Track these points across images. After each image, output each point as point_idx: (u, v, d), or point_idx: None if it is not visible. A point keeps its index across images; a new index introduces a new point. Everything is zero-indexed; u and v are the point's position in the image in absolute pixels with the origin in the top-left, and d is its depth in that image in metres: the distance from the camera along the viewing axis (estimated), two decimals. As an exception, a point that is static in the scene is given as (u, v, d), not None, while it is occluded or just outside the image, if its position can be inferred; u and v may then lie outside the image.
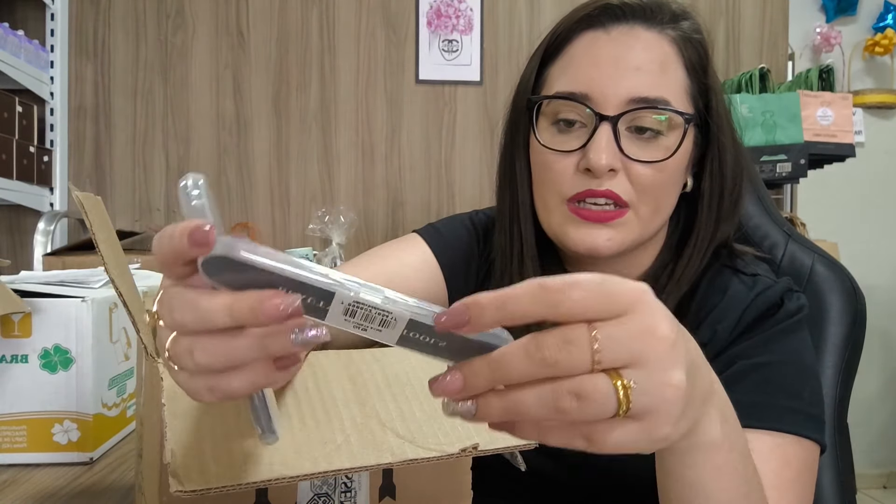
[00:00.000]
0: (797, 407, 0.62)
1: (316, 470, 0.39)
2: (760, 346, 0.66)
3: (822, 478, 0.76)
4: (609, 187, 0.63)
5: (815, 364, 0.68)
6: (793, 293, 0.69)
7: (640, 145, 0.64)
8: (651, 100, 0.63)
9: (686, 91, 0.66)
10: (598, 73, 0.64)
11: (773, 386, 0.63)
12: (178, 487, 0.35)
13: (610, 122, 0.63)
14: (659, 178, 0.64)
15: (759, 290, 0.68)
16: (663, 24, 0.66)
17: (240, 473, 0.37)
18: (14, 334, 0.73)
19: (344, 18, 2.33)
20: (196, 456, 0.38)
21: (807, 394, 0.64)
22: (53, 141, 2.21)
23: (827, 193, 2.93)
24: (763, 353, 0.65)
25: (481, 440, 0.43)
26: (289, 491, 0.45)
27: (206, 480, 0.36)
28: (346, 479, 0.46)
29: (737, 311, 0.68)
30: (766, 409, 0.61)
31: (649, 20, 0.66)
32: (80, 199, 0.51)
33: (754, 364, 0.64)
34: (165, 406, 0.39)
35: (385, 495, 0.47)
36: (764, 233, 0.84)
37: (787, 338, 0.67)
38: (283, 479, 0.38)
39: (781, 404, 0.62)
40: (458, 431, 0.44)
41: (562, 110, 0.66)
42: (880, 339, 3.12)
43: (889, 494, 3.10)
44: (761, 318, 0.67)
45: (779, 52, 2.46)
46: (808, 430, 0.61)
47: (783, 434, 0.60)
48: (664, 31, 0.66)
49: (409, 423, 0.44)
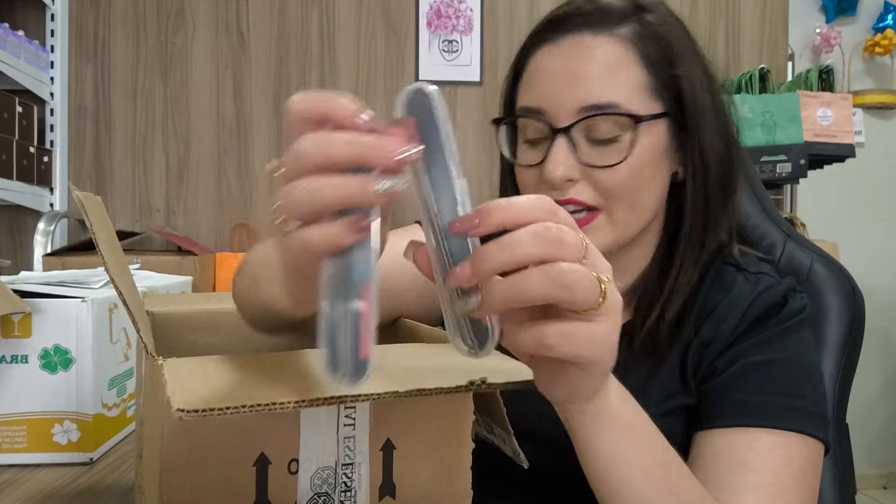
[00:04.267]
0: (800, 405, 0.62)
1: (320, 396, 0.38)
2: (763, 344, 0.66)
3: (822, 478, 0.76)
4: (572, 196, 0.65)
5: (818, 363, 0.68)
6: (796, 293, 0.70)
7: (600, 150, 0.65)
8: (600, 106, 0.63)
9: (645, 87, 0.65)
10: (550, 87, 0.65)
11: (776, 385, 0.63)
12: (179, 406, 0.35)
13: (564, 134, 0.64)
14: (623, 179, 0.65)
15: (763, 288, 0.69)
16: (613, 26, 0.66)
17: (242, 399, 0.37)
18: (14, 335, 0.73)
19: (344, 18, 2.33)
20: (196, 392, 0.38)
21: (809, 392, 0.64)
22: (53, 141, 2.21)
23: (827, 194, 2.93)
24: (766, 352, 0.65)
25: (489, 375, 0.43)
26: (289, 491, 0.45)
27: (206, 404, 0.36)
28: (346, 479, 0.46)
29: (740, 308, 0.68)
30: (769, 407, 0.62)
31: (595, 26, 0.66)
32: (80, 198, 0.51)
33: (757, 363, 0.65)
34: (165, 368, 0.39)
35: (385, 495, 0.47)
36: (762, 232, 0.84)
37: (790, 337, 0.67)
38: (287, 403, 0.37)
39: (784, 403, 0.62)
40: (462, 376, 0.44)
41: (525, 127, 0.69)
42: (880, 339, 3.13)
43: (889, 494, 3.10)
44: (764, 316, 0.68)
45: (779, 53, 2.46)
46: (811, 429, 0.62)
47: (786, 432, 0.61)
48: (614, 32, 0.65)
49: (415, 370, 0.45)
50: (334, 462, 0.46)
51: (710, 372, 0.67)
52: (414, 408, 0.48)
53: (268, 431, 0.44)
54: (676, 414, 0.68)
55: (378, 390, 0.40)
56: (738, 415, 0.62)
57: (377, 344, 0.37)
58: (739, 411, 0.62)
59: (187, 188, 2.30)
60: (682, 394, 0.68)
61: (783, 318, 0.67)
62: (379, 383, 0.41)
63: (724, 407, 0.64)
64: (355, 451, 0.46)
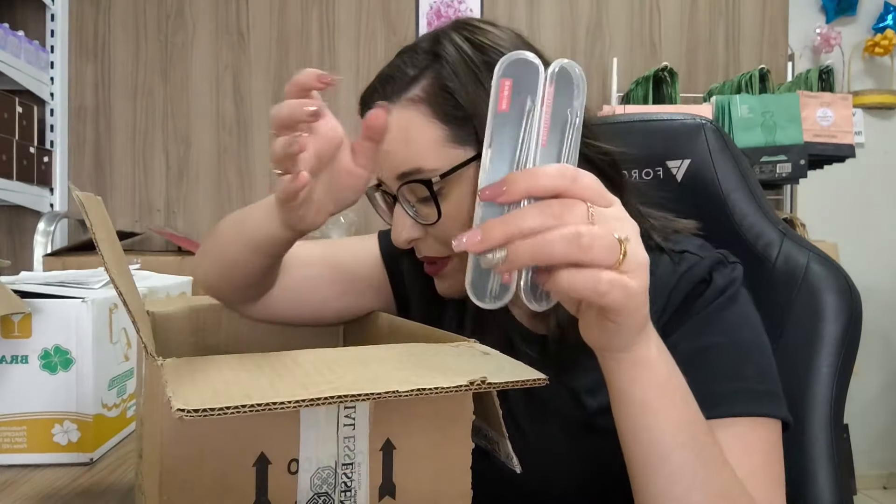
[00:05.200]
0: (742, 387, 0.60)
1: (320, 396, 0.39)
2: (692, 332, 0.64)
3: (819, 478, 0.76)
4: (425, 254, 0.69)
5: (759, 336, 0.65)
6: (723, 265, 0.67)
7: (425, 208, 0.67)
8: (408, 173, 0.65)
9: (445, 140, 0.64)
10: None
11: (714, 371, 0.61)
12: (180, 406, 0.35)
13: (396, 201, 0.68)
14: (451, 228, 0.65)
15: (684, 269, 0.66)
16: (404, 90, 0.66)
17: (242, 399, 0.37)
18: (14, 335, 0.74)
19: (344, 19, 2.33)
20: (197, 392, 0.38)
21: (750, 370, 0.62)
22: (53, 141, 2.21)
23: (827, 194, 2.93)
24: (695, 339, 0.63)
25: (488, 375, 0.44)
26: (289, 491, 0.45)
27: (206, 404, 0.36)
28: (346, 479, 0.47)
29: (664, 293, 0.65)
30: (713, 397, 0.59)
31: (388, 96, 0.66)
32: (80, 198, 0.51)
33: (691, 351, 0.62)
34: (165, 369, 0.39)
35: (385, 495, 0.48)
36: (758, 232, 0.84)
37: (720, 316, 0.64)
38: (288, 402, 0.38)
39: (726, 388, 0.60)
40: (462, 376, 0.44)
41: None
42: (880, 339, 3.13)
43: (889, 495, 3.10)
44: (689, 298, 0.65)
45: (778, 53, 2.46)
46: (761, 408, 0.60)
47: (737, 419, 0.59)
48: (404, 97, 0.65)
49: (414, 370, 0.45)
50: (334, 462, 0.46)
51: None
52: (414, 408, 0.48)
53: (268, 432, 0.44)
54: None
55: (378, 390, 0.40)
56: None
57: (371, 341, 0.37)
58: None
59: (187, 188, 2.31)
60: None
61: (710, 298, 0.65)
62: (379, 383, 0.41)
63: None
64: (355, 451, 0.47)
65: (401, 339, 0.68)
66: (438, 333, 0.61)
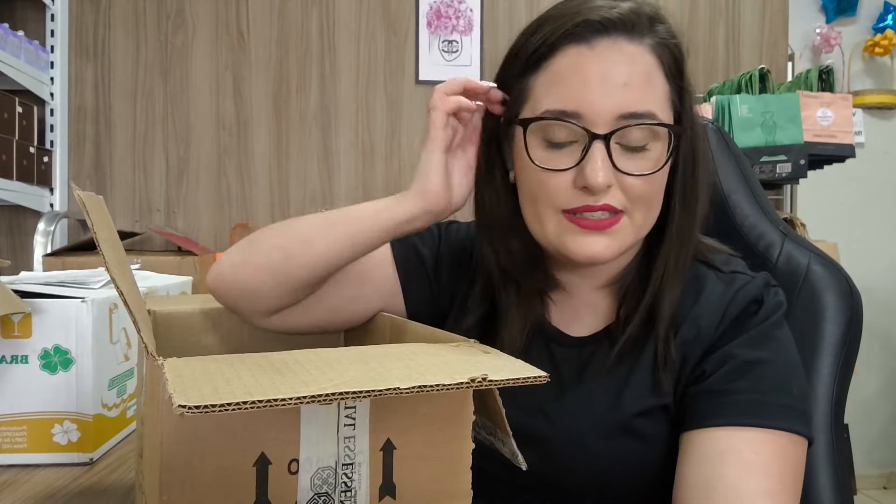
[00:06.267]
0: (788, 403, 0.64)
1: (321, 392, 0.38)
2: (750, 343, 0.67)
3: (819, 478, 0.76)
4: (606, 201, 0.65)
5: (798, 359, 0.70)
6: (770, 288, 0.71)
7: (631, 157, 0.65)
8: (640, 114, 0.64)
9: (668, 98, 0.67)
10: (588, 91, 0.64)
11: (766, 384, 0.64)
12: (181, 402, 0.35)
13: (602, 140, 0.64)
14: (650, 187, 0.66)
15: (739, 286, 0.70)
16: (643, 35, 0.66)
17: (243, 395, 0.37)
18: (14, 335, 0.74)
19: (344, 19, 2.33)
20: (198, 389, 0.38)
21: (795, 390, 0.65)
22: (53, 141, 2.21)
23: (827, 194, 2.93)
24: (753, 351, 0.66)
25: (489, 373, 0.43)
26: (289, 491, 0.45)
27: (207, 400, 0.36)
28: (346, 479, 0.46)
29: (719, 307, 0.69)
30: (761, 406, 0.63)
31: (631, 32, 0.66)
32: (82, 198, 0.51)
33: (747, 362, 0.66)
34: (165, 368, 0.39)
35: (385, 495, 0.47)
36: (760, 232, 0.84)
37: (774, 334, 0.68)
38: (289, 399, 0.37)
39: (774, 402, 0.64)
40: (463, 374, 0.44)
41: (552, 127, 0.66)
42: (880, 339, 3.13)
43: (889, 495, 3.10)
44: (744, 314, 0.69)
45: (778, 53, 2.46)
46: (799, 426, 0.63)
47: (779, 432, 0.62)
48: (644, 41, 0.66)
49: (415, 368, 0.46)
50: (334, 462, 0.46)
51: (699, 374, 0.68)
52: (414, 408, 0.48)
53: (268, 431, 0.44)
54: (653, 414, 0.69)
55: (379, 387, 0.40)
56: (734, 414, 0.63)
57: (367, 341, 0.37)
58: (735, 410, 0.63)
59: (187, 188, 2.31)
60: (658, 394, 0.68)
61: (764, 316, 0.68)
62: (380, 380, 0.41)
63: (717, 407, 0.64)
64: (355, 451, 0.46)
65: (402, 339, 0.68)
66: (439, 334, 0.61)
